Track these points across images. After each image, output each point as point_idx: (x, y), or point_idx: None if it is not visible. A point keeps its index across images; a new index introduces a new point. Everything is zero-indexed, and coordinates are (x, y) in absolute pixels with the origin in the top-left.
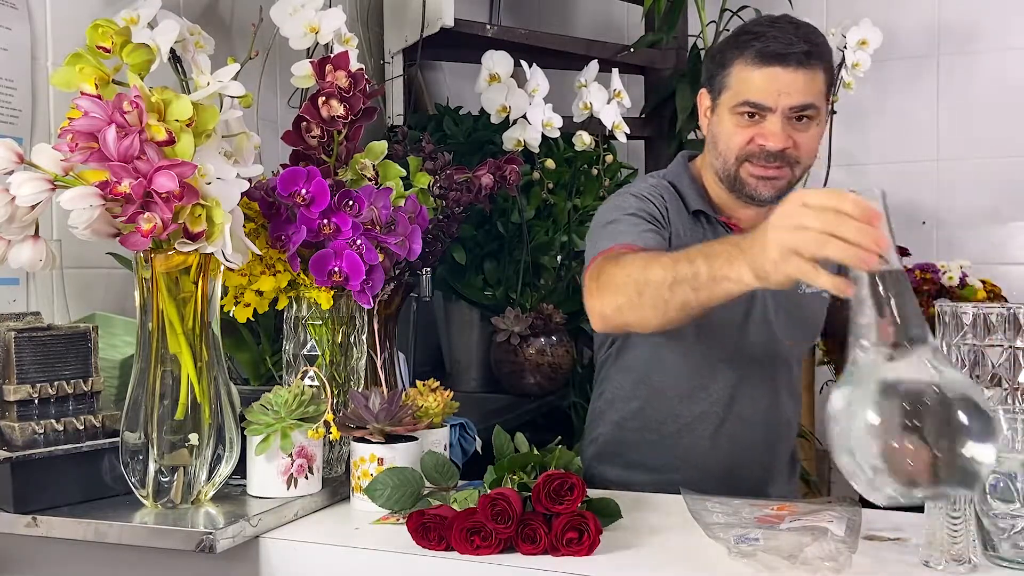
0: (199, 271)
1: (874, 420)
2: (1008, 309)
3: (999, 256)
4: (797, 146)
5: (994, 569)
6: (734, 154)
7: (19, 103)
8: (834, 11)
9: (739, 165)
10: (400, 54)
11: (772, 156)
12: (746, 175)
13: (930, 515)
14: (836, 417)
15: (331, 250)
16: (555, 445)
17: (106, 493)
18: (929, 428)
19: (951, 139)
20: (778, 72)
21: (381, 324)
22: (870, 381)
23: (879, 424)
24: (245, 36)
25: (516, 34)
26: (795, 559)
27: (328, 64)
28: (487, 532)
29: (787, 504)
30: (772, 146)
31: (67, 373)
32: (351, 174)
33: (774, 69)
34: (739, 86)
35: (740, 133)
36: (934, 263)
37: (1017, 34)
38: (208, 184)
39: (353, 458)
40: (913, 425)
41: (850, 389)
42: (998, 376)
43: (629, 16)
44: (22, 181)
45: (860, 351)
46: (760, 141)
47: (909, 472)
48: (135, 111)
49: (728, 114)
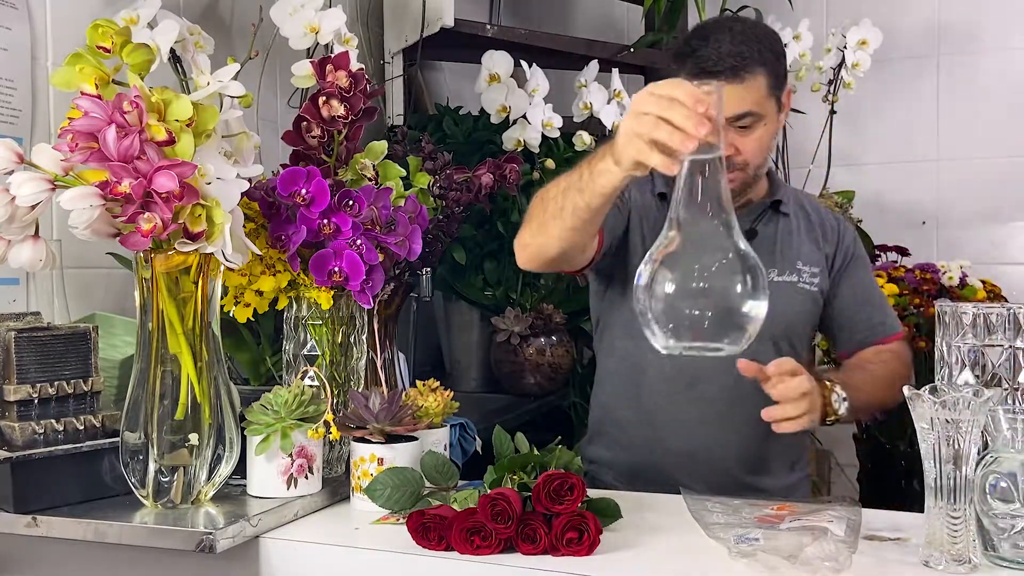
0: (199, 271)
1: (665, 278)
2: (1008, 309)
3: (999, 256)
4: (741, 151)
5: (994, 569)
6: None
7: (19, 103)
8: (834, 11)
9: None
10: (400, 54)
11: None
12: None
13: (930, 515)
14: (640, 272)
15: (331, 250)
16: (555, 445)
17: (106, 493)
18: (713, 287)
19: (951, 139)
20: None
21: (381, 324)
22: (671, 239)
23: (670, 281)
24: (245, 36)
25: (516, 34)
26: (795, 559)
27: (328, 64)
28: (487, 532)
29: (787, 504)
30: None
31: (67, 373)
32: (351, 174)
33: None
34: None
35: None
36: (934, 263)
37: (1017, 34)
38: (208, 184)
39: (353, 458)
40: (699, 287)
41: (656, 245)
42: (998, 376)
43: (629, 16)
44: (22, 181)
45: (669, 221)
46: None
47: (691, 324)
48: (135, 111)
49: None
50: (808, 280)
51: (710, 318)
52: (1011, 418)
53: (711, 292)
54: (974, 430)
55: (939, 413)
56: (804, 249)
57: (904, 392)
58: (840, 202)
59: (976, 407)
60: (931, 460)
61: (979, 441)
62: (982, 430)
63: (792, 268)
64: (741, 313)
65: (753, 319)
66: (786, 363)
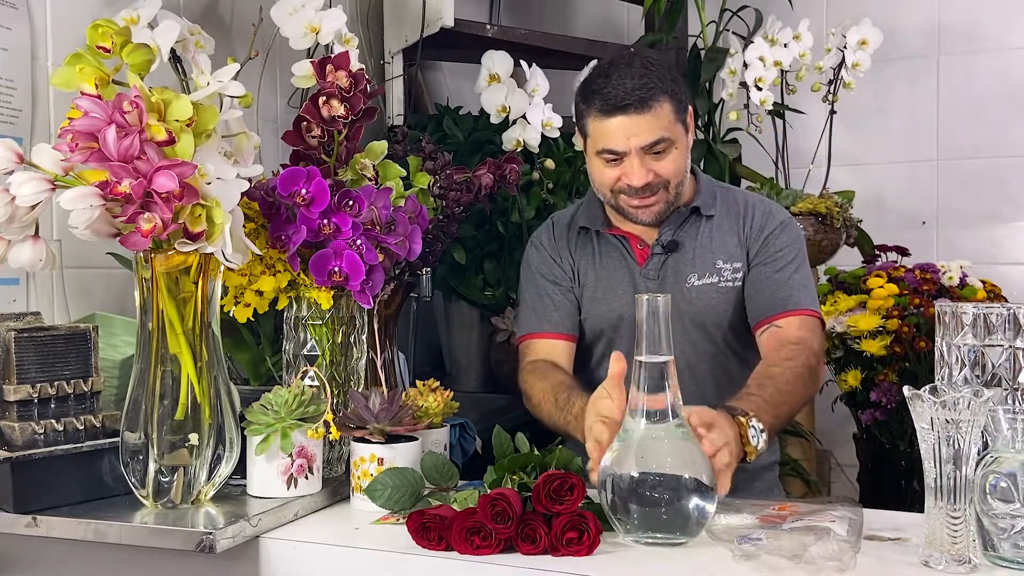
0: (199, 271)
1: (624, 474)
2: (1008, 309)
3: (999, 256)
4: (659, 175)
5: (994, 569)
6: (608, 190)
7: (19, 103)
8: (834, 11)
9: (615, 197)
10: (400, 54)
11: (638, 190)
12: (625, 205)
13: (930, 515)
14: (603, 468)
15: (331, 250)
16: (555, 445)
17: (106, 493)
18: (664, 487)
19: (951, 139)
20: (622, 120)
21: (381, 324)
22: (631, 444)
23: (626, 478)
24: (245, 36)
25: (516, 34)
26: (799, 559)
27: (329, 64)
28: (487, 532)
29: (788, 504)
30: (635, 183)
31: (67, 373)
32: (351, 174)
33: (618, 119)
34: (595, 135)
35: (607, 174)
36: (934, 263)
37: (1017, 34)
38: (208, 184)
39: (353, 458)
40: (653, 482)
41: (617, 445)
42: (998, 376)
43: (629, 16)
44: (22, 181)
45: (625, 424)
46: (625, 180)
47: (647, 517)
48: (135, 111)
49: (595, 157)
50: (730, 277)
51: (663, 514)
52: (1011, 418)
53: (662, 490)
54: (974, 430)
55: (939, 413)
56: (726, 247)
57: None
58: (840, 202)
59: (976, 407)
60: (931, 460)
61: (979, 441)
62: (982, 430)
63: (711, 270)
64: (689, 510)
65: (700, 516)
66: (703, 414)
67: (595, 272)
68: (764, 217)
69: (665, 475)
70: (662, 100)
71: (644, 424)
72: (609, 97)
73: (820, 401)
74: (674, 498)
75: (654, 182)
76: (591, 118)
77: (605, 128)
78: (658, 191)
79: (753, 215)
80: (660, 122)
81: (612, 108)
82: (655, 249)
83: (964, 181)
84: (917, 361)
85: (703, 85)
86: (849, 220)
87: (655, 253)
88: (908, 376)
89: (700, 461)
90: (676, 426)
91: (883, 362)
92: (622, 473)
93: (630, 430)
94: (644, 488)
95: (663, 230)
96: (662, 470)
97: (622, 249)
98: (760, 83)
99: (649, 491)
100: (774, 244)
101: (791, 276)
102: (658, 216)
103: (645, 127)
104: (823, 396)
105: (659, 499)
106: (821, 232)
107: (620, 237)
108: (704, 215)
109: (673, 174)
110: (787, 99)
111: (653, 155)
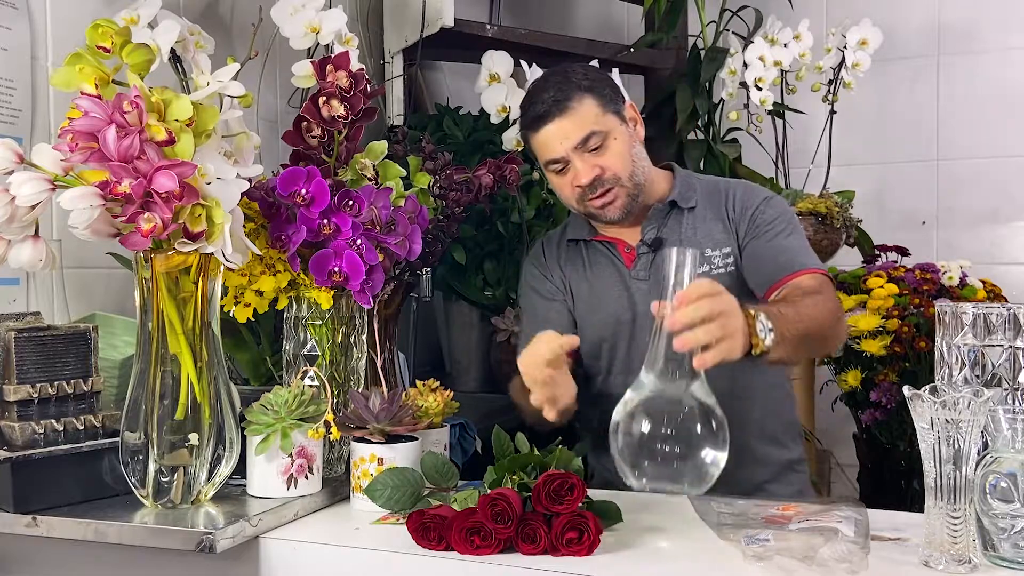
0: (199, 271)
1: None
2: (1008, 309)
3: (999, 256)
4: (604, 168)
5: (994, 569)
6: (573, 200)
7: (19, 103)
8: (834, 11)
9: (582, 204)
10: (400, 54)
11: (592, 187)
12: (592, 209)
13: (930, 515)
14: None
15: (331, 250)
16: (555, 445)
17: (106, 493)
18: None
19: (951, 139)
20: (548, 129)
21: (381, 324)
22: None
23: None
24: (245, 36)
25: (516, 34)
26: (811, 560)
27: (329, 64)
28: (487, 532)
29: (792, 504)
30: (584, 182)
31: (67, 373)
32: (351, 174)
33: (544, 128)
34: (537, 151)
35: (563, 185)
36: (934, 263)
37: (1017, 34)
38: (208, 184)
39: (353, 458)
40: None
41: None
42: (998, 376)
43: (629, 16)
44: (22, 181)
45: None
46: (576, 183)
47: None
48: (135, 111)
49: (550, 174)
50: (721, 263)
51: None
52: (1011, 418)
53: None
54: (974, 430)
55: (939, 413)
56: (712, 234)
57: (905, 391)
58: (840, 202)
59: (976, 407)
60: (931, 460)
61: (979, 441)
62: (982, 430)
63: (701, 259)
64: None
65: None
66: (701, 286)
67: (587, 282)
68: (745, 195)
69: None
70: (581, 97)
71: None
72: (531, 112)
73: (820, 401)
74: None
75: (603, 176)
76: (529, 139)
77: (539, 141)
78: (611, 187)
79: (734, 196)
80: (585, 118)
81: (536, 120)
82: (640, 249)
83: (964, 181)
84: (917, 361)
85: (703, 85)
86: (849, 220)
87: (641, 253)
88: (908, 376)
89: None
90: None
91: (883, 362)
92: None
93: (644, 383)
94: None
95: (646, 229)
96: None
97: (610, 255)
98: (760, 83)
99: (660, 444)
100: (762, 217)
101: (788, 242)
102: (623, 211)
103: (570, 128)
104: (823, 396)
105: (671, 453)
106: (821, 232)
107: (606, 243)
108: (684, 208)
109: (620, 166)
110: (787, 99)
111: (592, 152)
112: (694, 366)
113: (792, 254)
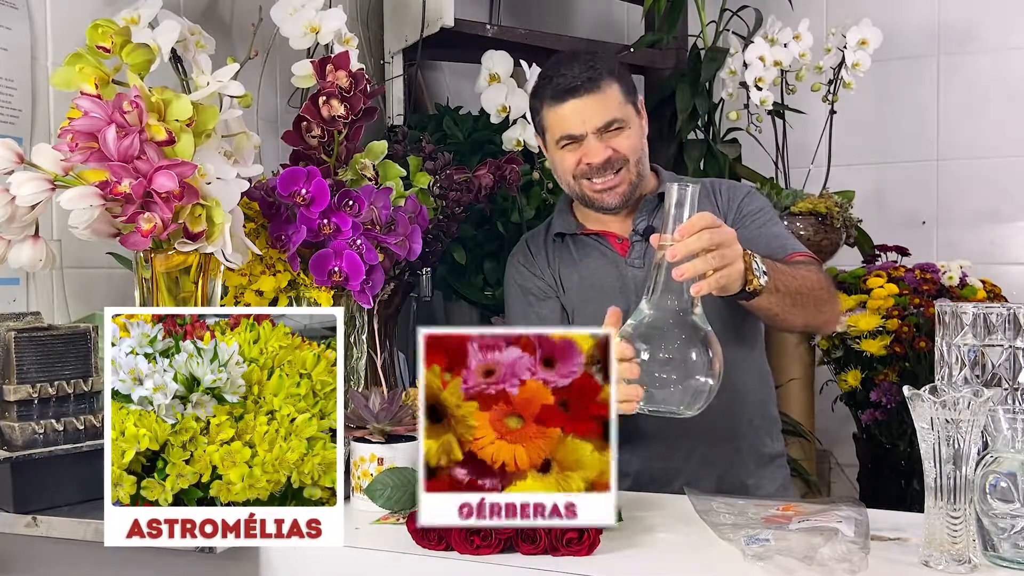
0: (199, 271)
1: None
2: (1008, 309)
3: (999, 256)
4: (617, 151)
5: (994, 569)
6: (570, 176)
7: (19, 103)
8: (834, 11)
9: (579, 185)
10: (400, 54)
11: (600, 169)
12: (588, 191)
13: (930, 515)
14: None
15: (331, 250)
16: None
17: None
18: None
19: (951, 139)
20: (575, 104)
21: (381, 324)
22: (643, 319)
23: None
24: (245, 36)
25: (516, 34)
26: (811, 560)
27: (329, 64)
28: (487, 532)
29: (791, 504)
30: (596, 161)
31: (67, 373)
32: (351, 174)
33: (571, 103)
34: (552, 124)
35: (568, 159)
36: (934, 263)
37: (1017, 34)
38: (208, 184)
39: (353, 458)
40: (664, 358)
41: (630, 323)
42: (998, 376)
43: (629, 16)
44: (22, 181)
45: (642, 302)
46: (585, 160)
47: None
48: (135, 111)
49: (556, 149)
50: None
51: (670, 388)
52: (1011, 418)
53: (672, 364)
54: (974, 430)
55: (939, 413)
56: None
57: (905, 391)
58: (840, 202)
59: (976, 407)
60: (931, 460)
61: (979, 441)
62: (982, 430)
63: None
64: (697, 383)
65: (707, 389)
66: (704, 217)
67: (578, 275)
68: (730, 190)
69: (675, 354)
70: (610, 82)
71: (657, 306)
72: (559, 85)
73: (820, 401)
74: (683, 376)
75: (613, 158)
76: (545, 109)
77: (560, 114)
78: (619, 170)
79: (720, 190)
80: (611, 103)
81: (563, 93)
82: (634, 238)
83: (964, 181)
84: (917, 361)
85: (703, 85)
86: (849, 220)
87: (635, 242)
88: (908, 376)
89: (712, 345)
90: (690, 308)
91: (883, 362)
92: None
93: (644, 311)
94: (653, 367)
95: (637, 220)
96: (672, 350)
97: (601, 247)
98: (760, 83)
99: (658, 371)
100: (748, 207)
101: (777, 230)
102: (623, 198)
103: (597, 108)
104: (823, 396)
105: (667, 379)
106: (821, 232)
107: (596, 236)
108: None
109: (630, 151)
110: (787, 99)
111: (610, 132)
112: (691, 292)
113: (783, 240)
